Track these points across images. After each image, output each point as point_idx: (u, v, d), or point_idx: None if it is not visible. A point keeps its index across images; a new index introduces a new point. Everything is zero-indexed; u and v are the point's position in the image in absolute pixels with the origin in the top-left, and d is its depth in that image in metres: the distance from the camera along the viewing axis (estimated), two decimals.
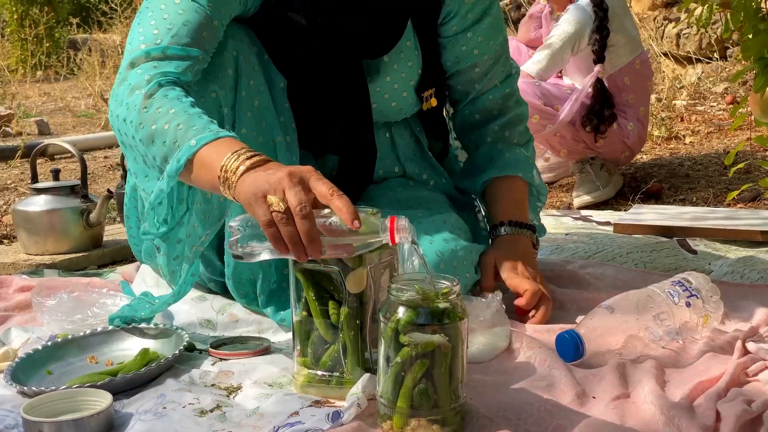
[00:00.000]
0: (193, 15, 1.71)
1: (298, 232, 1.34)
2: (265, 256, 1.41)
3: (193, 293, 1.95)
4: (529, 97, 3.18)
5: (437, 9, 1.99)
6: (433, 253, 1.80)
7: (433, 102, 2.05)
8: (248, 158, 1.43)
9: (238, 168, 1.43)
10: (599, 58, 3.29)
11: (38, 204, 2.59)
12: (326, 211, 1.38)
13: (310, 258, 1.37)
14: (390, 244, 1.39)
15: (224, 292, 1.95)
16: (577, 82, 3.40)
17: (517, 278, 1.88)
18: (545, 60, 3.29)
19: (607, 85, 3.34)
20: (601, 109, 3.29)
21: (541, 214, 2.98)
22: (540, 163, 3.60)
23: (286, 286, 1.72)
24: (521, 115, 2.15)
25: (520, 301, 1.84)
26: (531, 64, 3.32)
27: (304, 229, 1.33)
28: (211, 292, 1.97)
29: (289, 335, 1.61)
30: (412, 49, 1.99)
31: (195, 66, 1.70)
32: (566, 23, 3.29)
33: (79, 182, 2.63)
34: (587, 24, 3.27)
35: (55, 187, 2.62)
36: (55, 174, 2.69)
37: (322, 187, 1.36)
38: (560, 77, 3.55)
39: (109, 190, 2.58)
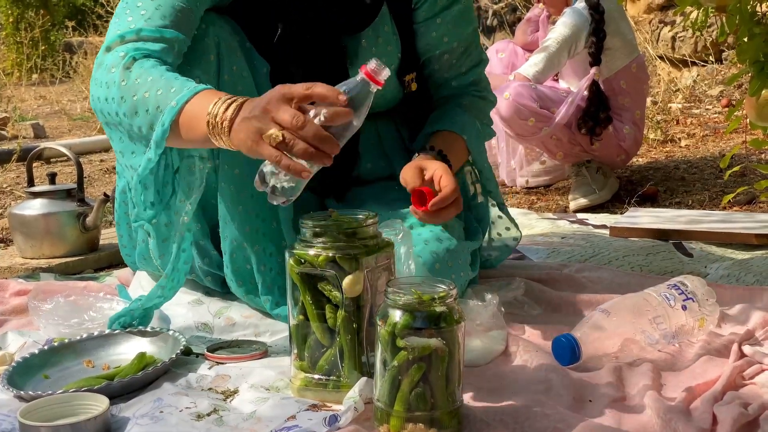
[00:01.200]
0: (167, 2, 1.74)
1: (308, 144, 1.36)
2: (299, 185, 1.44)
3: (190, 296, 1.95)
4: (525, 100, 3.19)
5: None
6: (428, 253, 1.80)
7: (414, 86, 2.06)
8: (229, 104, 1.47)
9: (224, 114, 1.47)
10: (595, 60, 3.30)
11: (34, 208, 2.58)
12: (312, 111, 1.39)
13: (333, 154, 1.39)
14: (379, 86, 1.42)
15: (222, 287, 1.96)
16: (573, 85, 3.41)
17: (446, 175, 1.79)
18: (542, 63, 3.30)
19: (603, 88, 3.34)
20: (596, 111, 3.30)
21: (537, 216, 3.00)
22: (536, 166, 3.61)
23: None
24: (486, 101, 2.17)
25: (436, 198, 1.75)
26: (527, 67, 3.33)
27: (309, 135, 1.36)
28: (208, 294, 1.97)
29: (286, 338, 1.61)
30: (390, 34, 2.00)
31: (172, 47, 1.72)
32: (563, 26, 3.29)
33: (75, 186, 2.62)
34: (583, 27, 3.28)
35: (51, 190, 2.61)
36: (51, 178, 2.69)
37: (298, 90, 1.39)
38: (556, 80, 3.56)
39: (105, 194, 2.57)
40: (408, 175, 1.83)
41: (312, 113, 1.39)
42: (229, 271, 1.87)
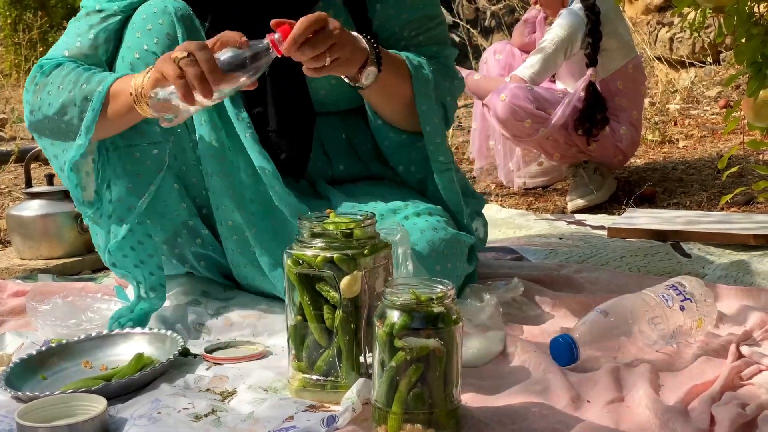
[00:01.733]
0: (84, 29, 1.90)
1: (200, 70, 1.55)
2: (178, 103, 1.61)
3: (188, 297, 1.95)
4: (522, 102, 3.19)
5: None
6: (424, 242, 1.80)
7: None
8: (146, 73, 1.67)
9: (142, 82, 1.67)
10: (592, 61, 3.30)
11: (32, 209, 2.58)
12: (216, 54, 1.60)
13: (215, 90, 1.57)
14: (278, 55, 1.61)
15: (216, 272, 1.98)
16: (570, 86, 3.41)
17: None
18: (538, 64, 3.30)
19: (599, 89, 3.34)
20: (593, 112, 3.30)
21: (535, 217, 3.00)
22: (534, 168, 3.61)
23: (279, 229, 1.83)
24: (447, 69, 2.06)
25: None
26: (524, 68, 3.33)
27: (204, 58, 1.56)
28: (205, 295, 1.97)
29: (284, 339, 1.61)
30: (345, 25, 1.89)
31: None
32: (559, 28, 3.30)
33: None
34: (580, 28, 3.28)
35: (49, 191, 2.61)
36: (49, 179, 2.69)
37: (209, 41, 1.61)
38: (553, 81, 3.56)
39: None
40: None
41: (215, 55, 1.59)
42: (230, 242, 1.88)
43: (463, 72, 3.47)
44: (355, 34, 1.78)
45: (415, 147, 2.01)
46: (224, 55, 1.60)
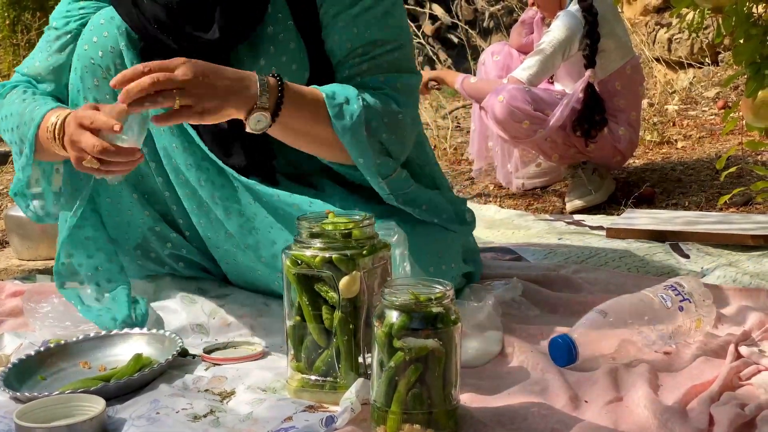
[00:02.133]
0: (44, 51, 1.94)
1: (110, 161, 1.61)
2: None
3: (182, 296, 1.95)
4: (520, 103, 3.18)
5: None
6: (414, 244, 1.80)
7: None
8: (55, 123, 1.73)
9: (55, 132, 1.73)
10: (590, 63, 3.30)
11: None
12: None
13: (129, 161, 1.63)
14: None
15: (196, 269, 2.02)
16: (568, 87, 3.40)
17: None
18: (536, 66, 3.30)
19: (598, 90, 3.34)
20: (591, 114, 3.29)
21: (533, 218, 3.00)
22: (532, 168, 3.60)
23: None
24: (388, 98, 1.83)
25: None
26: (521, 70, 3.33)
27: (108, 156, 1.59)
28: (200, 292, 1.97)
29: (282, 339, 1.61)
30: (294, 49, 1.84)
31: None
32: (556, 29, 3.29)
33: None
34: (577, 30, 3.28)
35: None
36: None
37: (86, 120, 1.61)
38: (551, 83, 3.56)
39: None
40: None
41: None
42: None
43: (459, 76, 3.48)
44: (248, 75, 1.65)
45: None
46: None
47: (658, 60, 5.76)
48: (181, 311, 1.90)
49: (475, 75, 3.68)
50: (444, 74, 3.70)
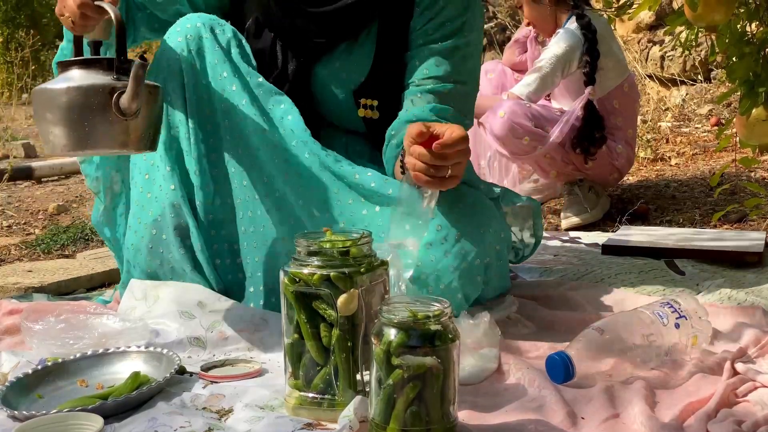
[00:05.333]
0: None
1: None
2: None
3: (181, 309, 1.94)
4: (520, 119, 3.20)
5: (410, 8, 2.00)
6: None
7: (373, 114, 2.05)
8: None
9: None
10: (590, 80, 3.31)
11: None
12: None
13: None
14: None
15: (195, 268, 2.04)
16: (566, 105, 3.42)
17: (455, 126, 1.69)
18: (535, 83, 3.31)
19: (596, 107, 3.36)
20: (591, 131, 3.31)
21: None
22: (528, 185, 3.62)
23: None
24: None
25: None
26: (521, 86, 3.34)
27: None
28: (199, 306, 1.96)
29: (280, 355, 1.62)
30: (365, 55, 2.03)
31: None
32: (556, 47, 3.31)
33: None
34: (577, 47, 3.30)
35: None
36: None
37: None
38: (548, 101, 3.57)
39: (142, 56, 1.67)
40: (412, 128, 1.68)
41: None
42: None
43: None
44: None
45: None
46: None
47: (650, 77, 5.80)
48: (179, 325, 1.90)
49: None
50: None
